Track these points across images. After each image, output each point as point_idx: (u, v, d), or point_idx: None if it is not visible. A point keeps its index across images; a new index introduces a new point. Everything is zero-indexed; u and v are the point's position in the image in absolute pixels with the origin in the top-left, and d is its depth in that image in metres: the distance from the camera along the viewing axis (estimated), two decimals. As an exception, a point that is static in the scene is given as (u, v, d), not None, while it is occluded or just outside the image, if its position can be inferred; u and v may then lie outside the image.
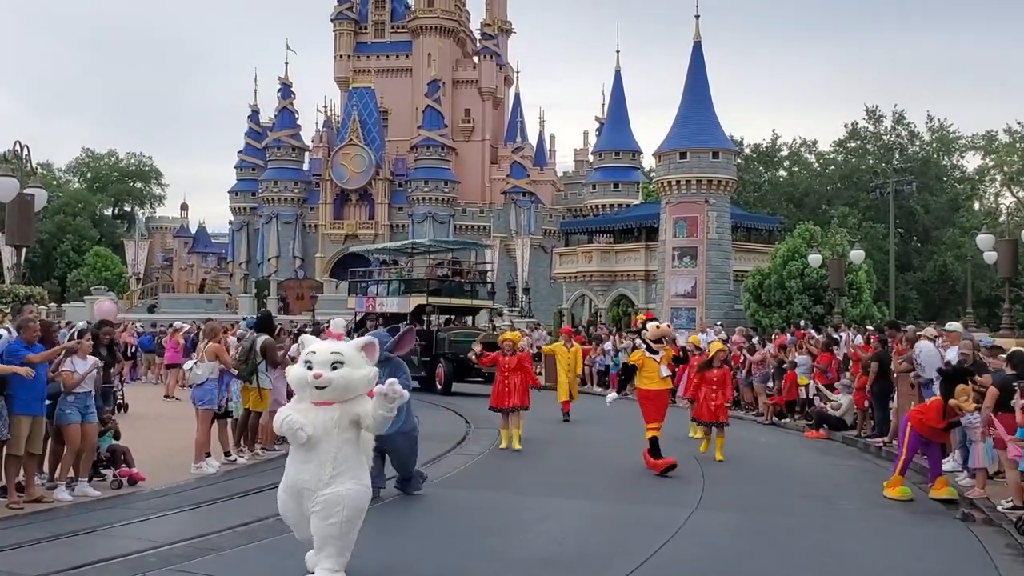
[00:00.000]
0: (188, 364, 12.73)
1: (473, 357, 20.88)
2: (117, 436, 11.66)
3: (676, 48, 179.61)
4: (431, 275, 29.35)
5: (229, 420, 13.44)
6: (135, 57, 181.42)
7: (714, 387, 14.19)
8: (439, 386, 25.83)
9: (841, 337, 20.40)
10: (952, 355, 13.49)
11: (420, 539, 8.77)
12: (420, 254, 32.72)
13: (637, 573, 7.58)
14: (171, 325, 26.73)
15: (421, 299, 27.55)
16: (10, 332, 9.95)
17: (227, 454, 13.01)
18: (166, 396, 22.74)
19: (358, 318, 30.02)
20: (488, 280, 33.30)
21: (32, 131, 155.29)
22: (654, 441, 12.57)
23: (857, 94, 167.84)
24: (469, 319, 29.96)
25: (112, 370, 12.88)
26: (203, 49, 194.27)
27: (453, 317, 29.21)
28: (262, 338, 13.92)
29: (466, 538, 8.88)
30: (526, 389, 15.09)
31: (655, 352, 12.66)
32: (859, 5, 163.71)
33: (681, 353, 15.11)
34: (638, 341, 13.78)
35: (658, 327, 12.99)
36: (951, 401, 10.95)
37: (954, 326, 15.47)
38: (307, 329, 19.10)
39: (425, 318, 27.34)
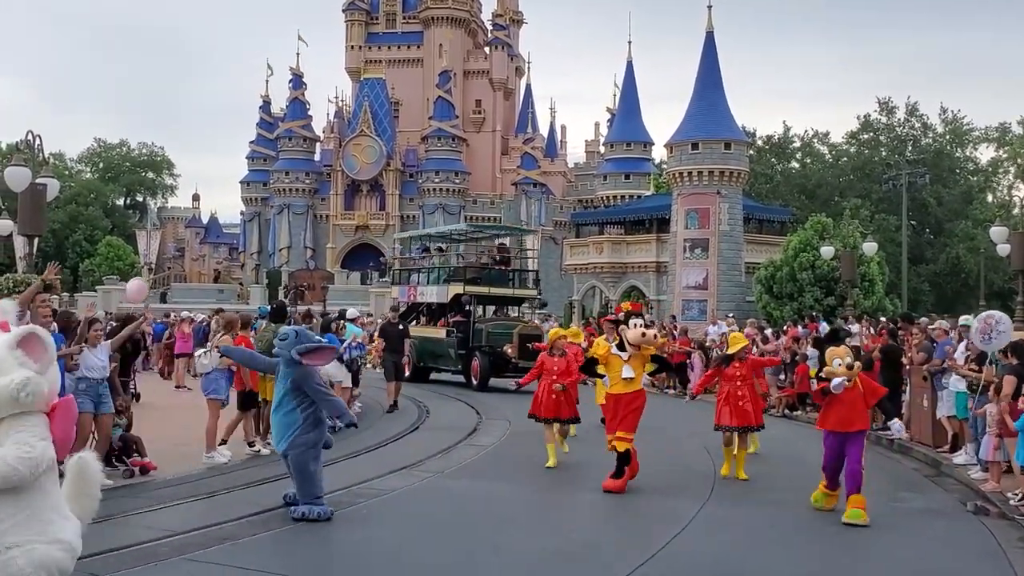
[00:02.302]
0: (199, 352, 12.73)
1: (509, 351, 19.94)
2: (128, 427, 11.68)
3: (688, 39, 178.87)
4: (469, 263, 28.01)
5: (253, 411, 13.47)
6: (147, 48, 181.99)
7: (739, 383, 11.84)
8: (474, 381, 24.10)
9: (853, 329, 20.27)
10: (960, 349, 13.42)
11: (427, 530, 8.77)
12: (463, 241, 31.14)
13: (648, 565, 7.55)
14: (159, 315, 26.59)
15: (458, 288, 25.88)
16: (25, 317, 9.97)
17: (251, 444, 13.00)
18: (176, 386, 22.80)
19: (402, 309, 28.41)
20: (532, 268, 30.72)
21: (45, 121, 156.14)
22: (620, 455, 10.57)
23: (868, 87, 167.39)
24: (515, 310, 27.87)
25: (132, 363, 12.93)
26: (215, 40, 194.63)
27: (495, 307, 27.36)
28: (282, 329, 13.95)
29: (474, 529, 8.88)
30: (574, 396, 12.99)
31: (625, 348, 10.60)
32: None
33: (666, 354, 13.24)
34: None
35: (643, 334, 10.53)
36: (826, 370, 9.51)
37: (967, 320, 15.37)
38: (331, 317, 19.04)
39: (470, 308, 25.42)
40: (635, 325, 10.59)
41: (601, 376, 10.94)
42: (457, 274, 27.01)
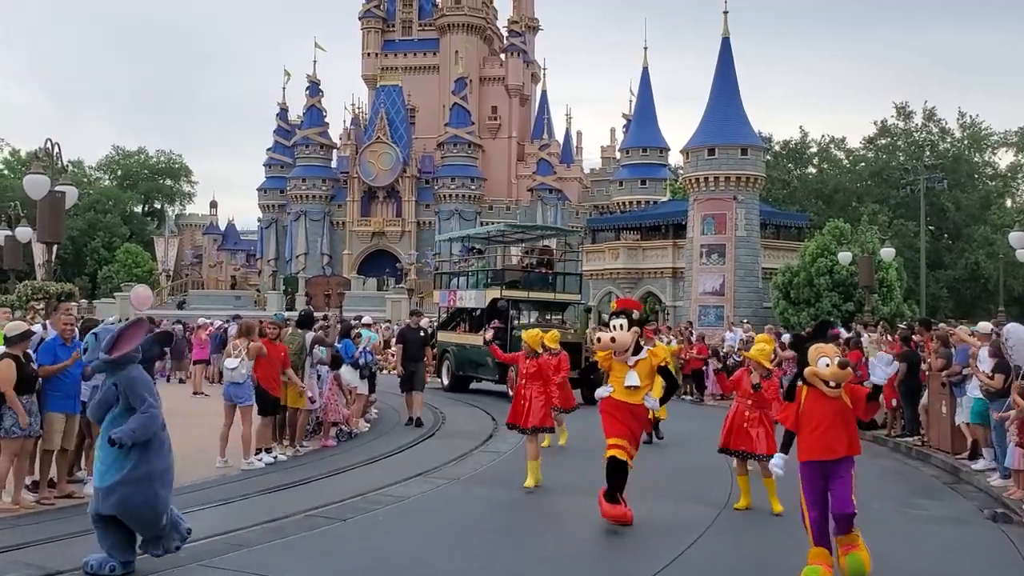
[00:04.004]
0: (233, 363, 12.61)
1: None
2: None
3: (704, 43, 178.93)
4: (509, 265, 26.80)
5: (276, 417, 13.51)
6: (163, 55, 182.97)
7: (750, 401, 10.31)
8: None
9: (863, 336, 20.09)
10: (983, 355, 13.30)
11: (443, 536, 8.76)
12: (503, 242, 29.46)
13: (664, 572, 7.53)
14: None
15: (495, 292, 24.35)
16: (45, 328, 10.05)
17: (268, 451, 13.03)
18: (194, 392, 22.90)
19: (444, 315, 27.59)
20: (575, 272, 28.22)
21: (63, 129, 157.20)
22: (613, 465, 8.95)
23: (885, 92, 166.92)
24: (559, 315, 25.97)
25: (155, 366, 12.97)
26: (232, 47, 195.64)
27: (537, 313, 25.51)
28: (310, 335, 14.01)
29: (490, 536, 8.87)
30: (547, 403, 11.62)
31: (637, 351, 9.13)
32: (886, 3, 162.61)
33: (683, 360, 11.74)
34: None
35: (605, 339, 8.99)
36: (807, 370, 7.19)
37: (984, 326, 15.25)
38: (353, 322, 18.97)
39: (510, 313, 23.81)
40: (614, 327, 9.03)
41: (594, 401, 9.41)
42: (495, 277, 25.49)
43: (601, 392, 9.25)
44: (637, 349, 9.12)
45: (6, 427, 9.13)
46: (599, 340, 9.01)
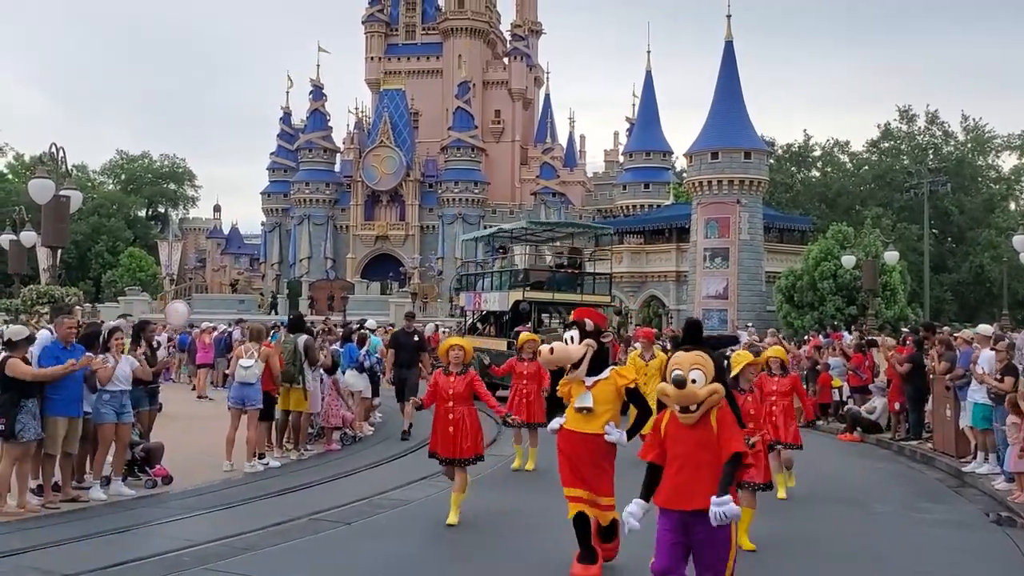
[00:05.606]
0: (248, 362, 12.54)
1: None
2: (142, 435, 11.72)
3: (707, 46, 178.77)
4: (533, 266, 25.64)
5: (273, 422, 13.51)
6: (168, 59, 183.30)
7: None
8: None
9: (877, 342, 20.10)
10: (985, 359, 13.28)
11: (446, 541, 8.77)
12: (528, 241, 28.11)
13: None
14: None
15: (518, 294, 23.03)
16: (52, 332, 10.08)
17: (262, 456, 13.02)
18: (199, 396, 22.90)
19: (471, 319, 26.55)
20: (604, 272, 26.29)
21: (68, 133, 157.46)
22: (579, 522, 7.43)
23: (888, 96, 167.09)
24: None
25: (154, 369, 12.97)
26: (236, 51, 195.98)
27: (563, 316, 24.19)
28: (302, 338, 13.98)
29: (494, 539, 8.87)
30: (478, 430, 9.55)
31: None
32: (889, 5, 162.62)
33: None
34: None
35: (552, 348, 7.33)
36: (659, 386, 5.36)
37: (984, 329, 15.22)
38: (354, 327, 18.89)
39: (534, 316, 22.69)
40: (566, 340, 7.37)
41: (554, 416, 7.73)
42: (519, 279, 24.09)
43: (552, 425, 7.62)
44: (600, 368, 7.35)
45: (16, 430, 9.15)
46: (539, 353, 7.69)
